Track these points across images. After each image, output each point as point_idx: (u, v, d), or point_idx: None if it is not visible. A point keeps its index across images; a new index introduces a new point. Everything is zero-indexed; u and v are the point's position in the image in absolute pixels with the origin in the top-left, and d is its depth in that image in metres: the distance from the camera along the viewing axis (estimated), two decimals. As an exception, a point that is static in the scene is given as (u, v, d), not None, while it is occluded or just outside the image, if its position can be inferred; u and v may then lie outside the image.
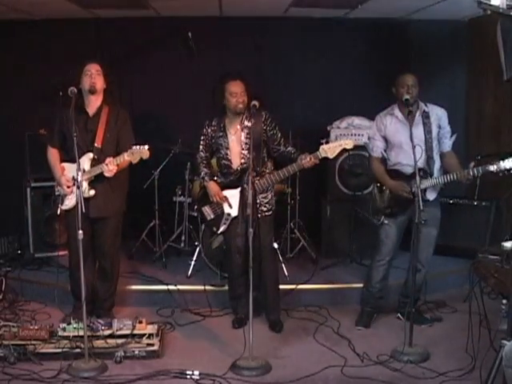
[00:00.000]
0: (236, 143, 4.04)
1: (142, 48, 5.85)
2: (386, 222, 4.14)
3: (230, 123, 4.07)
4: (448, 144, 4.11)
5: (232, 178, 4.07)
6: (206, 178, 4.14)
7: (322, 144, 3.85)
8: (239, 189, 4.03)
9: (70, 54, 5.59)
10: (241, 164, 4.04)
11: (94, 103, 4.02)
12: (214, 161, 4.36)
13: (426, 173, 3.96)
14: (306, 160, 3.83)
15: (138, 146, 3.85)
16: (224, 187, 4.09)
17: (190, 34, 5.67)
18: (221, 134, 4.08)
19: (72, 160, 4.02)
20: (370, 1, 4.94)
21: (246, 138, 4.00)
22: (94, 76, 3.93)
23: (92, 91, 3.96)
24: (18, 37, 5.68)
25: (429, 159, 3.98)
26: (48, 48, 5.69)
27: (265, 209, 4.10)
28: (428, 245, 4.06)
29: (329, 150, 3.81)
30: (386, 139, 4.12)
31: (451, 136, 4.12)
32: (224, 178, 4.14)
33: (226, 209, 4.08)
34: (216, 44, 5.90)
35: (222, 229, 4.10)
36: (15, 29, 5.63)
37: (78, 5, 5.04)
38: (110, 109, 4.05)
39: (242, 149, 4.02)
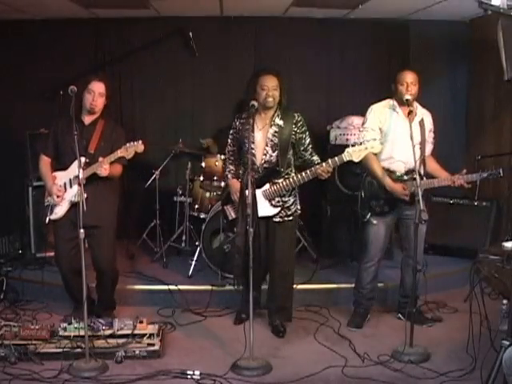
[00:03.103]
0: (262, 138, 3.92)
1: (142, 48, 5.86)
2: (374, 221, 4.14)
3: (260, 118, 3.96)
4: (430, 148, 4.15)
5: (255, 176, 3.88)
6: (228, 175, 4.09)
7: (348, 146, 3.73)
8: (262, 188, 3.92)
9: (70, 53, 5.61)
10: (263, 161, 3.93)
11: (91, 116, 4.02)
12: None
13: (418, 174, 3.99)
14: (319, 166, 3.75)
15: (132, 142, 3.85)
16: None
17: (190, 34, 5.68)
18: (248, 127, 3.92)
19: (63, 168, 4.03)
20: (371, 1, 4.95)
21: (273, 135, 3.92)
22: (96, 98, 3.91)
23: (91, 112, 3.97)
24: (18, 37, 5.67)
25: (421, 161, 3.98)
26: (48, 48, 5.70)
27: (284, 213, 3.98)
28: (419, 242, 4.00)
29: (354, 152, 3.69)
30: (381, 131, 4.09)
31: (432, 140, 4.17)
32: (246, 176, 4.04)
33: (248, 209, 4.02)
34: (216, 44, 5.91)
35: None
36: (15, 29, 5.63)
37: (78, 4, 5.04)
38: (106, 122, 4.05)
39: (266, 145, 3.93)
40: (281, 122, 3.92)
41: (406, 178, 4.05)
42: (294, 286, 4.65)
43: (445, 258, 5.30)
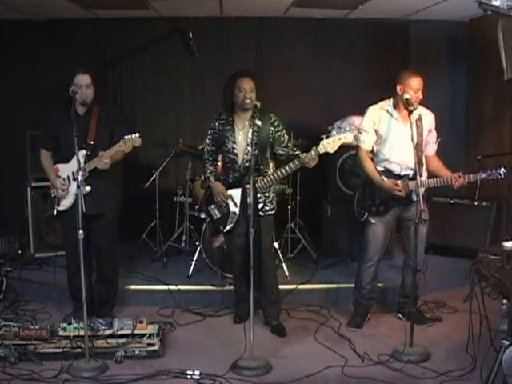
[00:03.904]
0: (243, 138, 4.05)
1: (142, 48, 5.86)
2: (372, 221, 4.14)
3: (239, 119, 4.09)
4: (434, 148, 4.15)
5: (236, 175, 4.08)
6: (210, 177, 4.17)
7: (323, 139, 3.84)
8: (246, 186, 3.99)
9: (70, 54, 5.60)
10: (245, 160, 4.04)
11: (84, 106, 4.02)
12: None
13: (415, 174, 3.99)
14: (307, 155, 3.82)
15: (129, 136, 3.87)
16: (229, 186, 4.10)
17: (190, 34, 5.68)
18: (228, 127, 4.09)
19: (65, 161, 4.04)
20: (371, 1, 4.95)
21: (253, 135, 4.01)
22: (84, 91, 3.91)
23: (84, 104, 3.98)
24: (18, 37, 5.68)
25: (419, 161, 3.98)
26: (48, 48, 5.69)
27: (267, 207, 4.11)
28: (420, 243, 3.99)
29: (328, 144, 3.79)
30: (376, 133, 4.09)
31: (436, 141, 4.16)
32: (227, 175, 4.14)
33: (232, 207, 4.09)
34: (216, 44, 5.91)
35: (228, 227, 4.11)
36: (15, 29, 5.63)
37: (78, 5, 5.04)
38: (101, 106, 4.07)
39: (248, 145, 4.03)
40: (259, 123, 4.01)
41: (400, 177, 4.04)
42: (294, 286, 4.69)
43: (445, 258, 5.29)
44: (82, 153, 3.89)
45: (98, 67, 4.05)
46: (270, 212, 4.14)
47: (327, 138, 3.82)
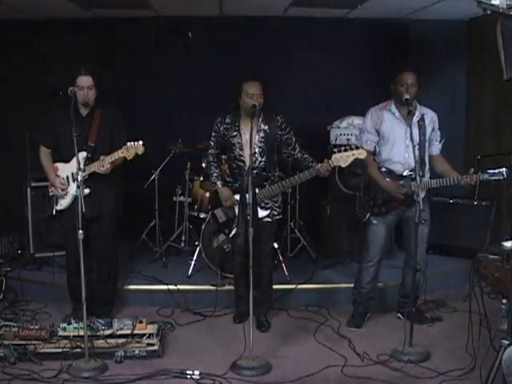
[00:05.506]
0: (250, 144, 3.95)
1: (142, 48, 5.86)
2: (374, 221, 4.14)
3: (245, 123, 4.01)
4: (438, 147, 4.15)
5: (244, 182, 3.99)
6: (217, 182, 4.11)
7: (335, 153, 3.80)
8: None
9: (70, 53, 5.60)
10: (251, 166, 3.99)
11: (87, 107, 4.05)
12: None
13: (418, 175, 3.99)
14: (321, 164, 3.79)
15: (132, 142, 3.88)
16: (235, 191, 4.06)
17: (190, 34, 5.68)
18: (235, 133, 4.02)
19: (65, 160, 4.05)
20: (370, 0, 4.95)
21: (260, 141, 3.98)
22: (86, 92, 3.94)
23: (85, 105, 4.01)
24: (18, 37, 5.67)
25: (421, 161, 3.98)
26: (48, 48, 5.70)
27: (275, 212, 4.10)
28: (421, 243, 3.99)
29: (341, 158, 3.75)
30: (378, 133, 4.11)
31: (441, 140, 4.16)
32: (234, 179, 4.11)
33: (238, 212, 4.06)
34: (216, 44, 5.91)
35: (234, 232, 4.07)
36: (16, 29, 5.62)
37: (78, 5, 5.04)
38: (104, 110, 4.08)
39: (255, 150, 3.98)
40: (266, 127, 3.99)
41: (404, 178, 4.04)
42: (294, 285, 4.70)
43: (444, 257, 5.29)
44: (83, 155, 3.89)
45: (100, 68, 4.06)
46: (277, 217, 4.13)
47: (339, 151, 3.79)
